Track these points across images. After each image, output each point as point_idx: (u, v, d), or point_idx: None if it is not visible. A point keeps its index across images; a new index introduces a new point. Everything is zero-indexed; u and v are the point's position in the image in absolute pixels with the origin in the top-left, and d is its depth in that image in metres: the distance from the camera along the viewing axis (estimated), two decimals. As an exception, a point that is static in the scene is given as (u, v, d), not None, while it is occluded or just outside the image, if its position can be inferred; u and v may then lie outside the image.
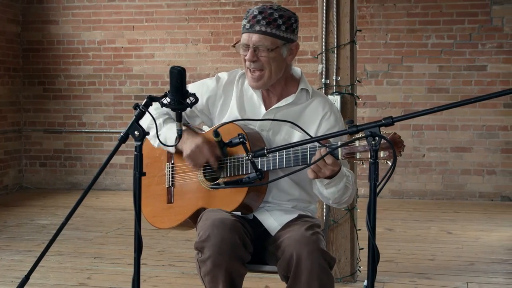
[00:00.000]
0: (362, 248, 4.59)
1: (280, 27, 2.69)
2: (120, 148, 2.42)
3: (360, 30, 4.73)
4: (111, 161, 2.47)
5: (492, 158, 7.98)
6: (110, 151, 2.34)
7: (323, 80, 4.45)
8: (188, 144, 2.71)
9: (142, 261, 2.41)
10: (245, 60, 2.75)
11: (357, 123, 2.40)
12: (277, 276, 2.67)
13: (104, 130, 8.79)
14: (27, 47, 9.03)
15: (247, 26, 2.71)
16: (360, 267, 4.61)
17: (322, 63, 4.46)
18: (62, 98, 8.98)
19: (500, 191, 7.95)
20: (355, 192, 2.77)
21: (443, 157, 8.09)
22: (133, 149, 2.33)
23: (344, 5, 4.43)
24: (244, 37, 2.73)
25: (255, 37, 2.69)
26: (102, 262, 5.07)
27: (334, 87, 4.44)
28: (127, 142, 2.40)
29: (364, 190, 7.49)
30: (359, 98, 4.56)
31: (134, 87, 8.78)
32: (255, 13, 2.70)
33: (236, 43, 2.77)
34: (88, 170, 8.87)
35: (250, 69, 2.75)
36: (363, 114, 8.07)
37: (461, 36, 7.99)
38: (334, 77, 4.43)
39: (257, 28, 2.68)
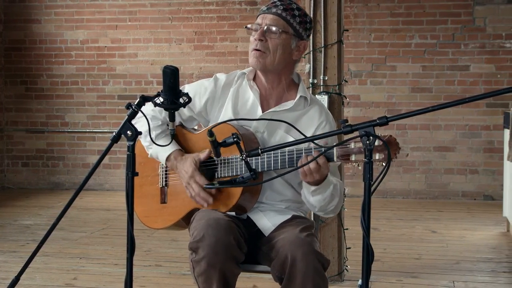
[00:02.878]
0: (350, 248, 4.60)
1: (295, 17, 2.74)
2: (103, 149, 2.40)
3: (347, 30, 4.74)
4: (95, 161, 2.46)
5: (475, 158, 8.04)
6: (93, 151, 2.33)
7: (310, 80, 4.45)
8: (181, 173, 2.76)
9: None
10: (253, 42, 2.75)
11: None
12: (266, 276, 2.66)
13: (87, 130, 8.71)
14: (9, 46, 8.96)
15: (264, 9, 2.77)
16: (347, 266, 4.62)
17: (310, 63, 4.46)
18: (45, 97, 8.91)
19: (482, 190, 8.01)
20: (342, 202, 2.78)
21: (427, 156, 8.14)
22: (117, 149, 2.32)
23: (331, 5, 4.43)
24: (259, 18, 2.78)
25: (269, 17, 2.73)
26: (88, 263, 5.03)
27: (321, 86, 4.45)
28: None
29: (348, 189, 7.51)
30: (346, 98, 4.57)
31: (117, 87, 8.74)
32: (275, 0, 2.78)
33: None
34: (71, 170, 8.79)
35: (255, 49, 2.74)
36: (347, 114, 8.08)
37: (444, 36, 8.04)
38: (321, 77, 4.44)
39: (274, 10, 2.74)
